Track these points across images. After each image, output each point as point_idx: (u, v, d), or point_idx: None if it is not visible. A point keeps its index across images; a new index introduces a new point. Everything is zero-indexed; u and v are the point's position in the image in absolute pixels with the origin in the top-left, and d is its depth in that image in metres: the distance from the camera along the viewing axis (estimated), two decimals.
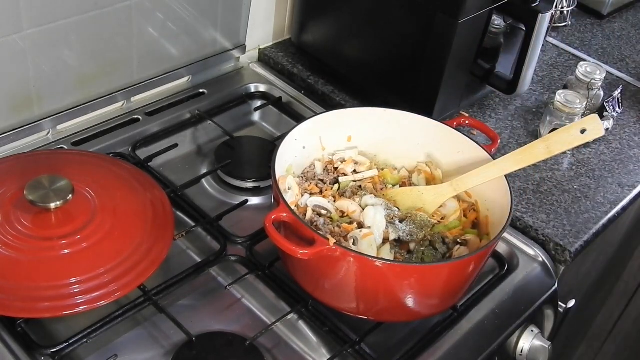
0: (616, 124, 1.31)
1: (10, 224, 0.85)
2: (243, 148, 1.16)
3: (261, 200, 1.09)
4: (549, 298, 1.01)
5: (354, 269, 0.80)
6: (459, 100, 1.22)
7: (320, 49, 1.31)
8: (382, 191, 0.96)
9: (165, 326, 0.87)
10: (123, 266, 0.85)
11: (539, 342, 0.97)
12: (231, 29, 1.27)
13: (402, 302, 0.84)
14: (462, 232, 0.92)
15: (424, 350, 0.88)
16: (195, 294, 0.93)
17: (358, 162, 0.99)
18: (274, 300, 0.92)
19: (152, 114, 1.19)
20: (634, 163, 1.23)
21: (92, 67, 1.08)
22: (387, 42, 1.19)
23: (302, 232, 0.80)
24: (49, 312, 0.81)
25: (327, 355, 0.87)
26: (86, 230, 0.87)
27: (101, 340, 0.84)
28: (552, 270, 1.03)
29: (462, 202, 0.96)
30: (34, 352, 0.81)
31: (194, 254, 0.99)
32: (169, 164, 1.14)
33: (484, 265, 0.89)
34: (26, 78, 1.01)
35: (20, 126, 1.04)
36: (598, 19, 1.69)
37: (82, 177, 0.93)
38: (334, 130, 1.00)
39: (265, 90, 1.30)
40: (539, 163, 1.15)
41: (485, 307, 0.95)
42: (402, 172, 1.01)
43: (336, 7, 1.25)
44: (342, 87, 1.31)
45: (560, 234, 1.06)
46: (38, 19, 0.97)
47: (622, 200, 1.14)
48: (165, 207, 0.95)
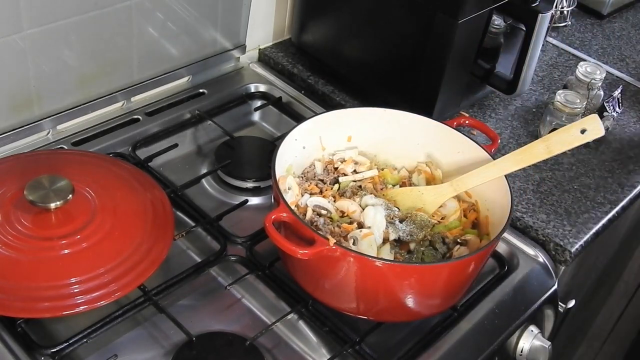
0: (616, 124, 1.31)
1: (10, 224, 0.85)
2: (243, 148, 1.16)
3: (261, 200, 1.09)
4: (549, 298, 1.01)
5: (354, 269, 0.80)
6: (459, 100, 1.22)
7: (320, 49, 1.31)
8: (382, 191, 0.96)
9: (165, 326, 0.87)
10: (123, 266, 0.85)
11: (539, 342, 0.97)
12: (231, 29, 1.27)
13: (402, 302, 0.84)
14: (462, 232, 0.92)
15: (424, 350, 0.88)
16: (195, 294, 0.93)
17: (358, 162, 0.99)
18: (274, 300, 0.92)
19: (152, 114, 1.19)
20: (634, 163, 1.23)
21: (92, 67, 1.08)
22: (387, 42, 1.19)
23: (302, 232, 0.80)
24: (49, 312, 0.81)
25: (327, 355, 0.87)
26: (86, 230, 0.87)
27: (101, 340, 0.84)
28: (552, 270, 1.03)
29: (462, 202, 0.96)
30: (34, 352, 0.81)
31: (194, 254, 0.99)
32: (169, 164, 1.14)
33: (484, 265, 0.89)
34: (26, 78, 1.01)
35: (20, 126, 1.04)
36: (598, 19, 1.69)
37: (82, 177, 0.93)
38: (334, 130, 1.00)
39: (265, 90, 1.30)
40: (539, 163, 1.15)
41: (485, 307, 0.95)
42: (402, 172, 1.01)
43: (336, 7, 1.25)
44: (342, 87, 1.31)
45: (560, 234, 1.06)
46: (38, 19, 0.97)
47: (622, 200, 1.14)
48: (165, 207, 0.95)
